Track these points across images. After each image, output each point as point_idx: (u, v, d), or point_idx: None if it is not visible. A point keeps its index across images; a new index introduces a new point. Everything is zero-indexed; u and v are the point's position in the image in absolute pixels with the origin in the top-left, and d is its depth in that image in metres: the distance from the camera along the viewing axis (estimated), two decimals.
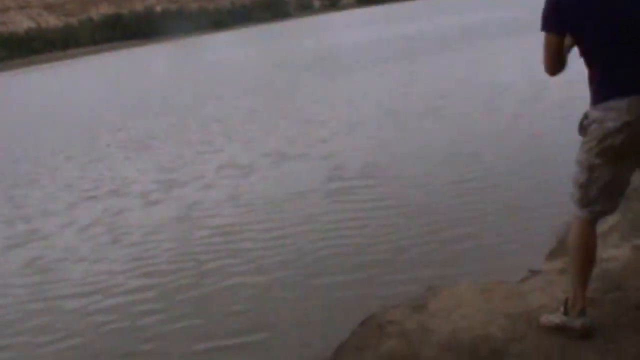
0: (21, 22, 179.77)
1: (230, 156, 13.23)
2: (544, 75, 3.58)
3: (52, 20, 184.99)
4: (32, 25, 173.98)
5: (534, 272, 4.88)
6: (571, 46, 3.41)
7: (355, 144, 12.63)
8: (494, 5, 60.80)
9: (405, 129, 13.28)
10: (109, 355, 5.57)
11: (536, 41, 3.51)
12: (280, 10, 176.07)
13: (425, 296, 4.73)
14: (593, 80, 3.32)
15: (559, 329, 3.70)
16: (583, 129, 3.39)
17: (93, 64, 79.68)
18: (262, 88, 24.91)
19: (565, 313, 3.66)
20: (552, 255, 5.53)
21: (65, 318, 6.56)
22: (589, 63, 3.32)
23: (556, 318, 3.74)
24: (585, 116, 3.37)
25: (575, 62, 3.46)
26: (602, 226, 4.84)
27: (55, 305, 6.96)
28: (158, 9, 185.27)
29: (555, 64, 3.39)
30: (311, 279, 6.44)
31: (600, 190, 3.36)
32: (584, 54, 3.32)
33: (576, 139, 3.50)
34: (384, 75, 22.94)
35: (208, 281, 6.85)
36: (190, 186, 11.24)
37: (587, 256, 3.53)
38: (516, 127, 11.75)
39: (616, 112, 3.18)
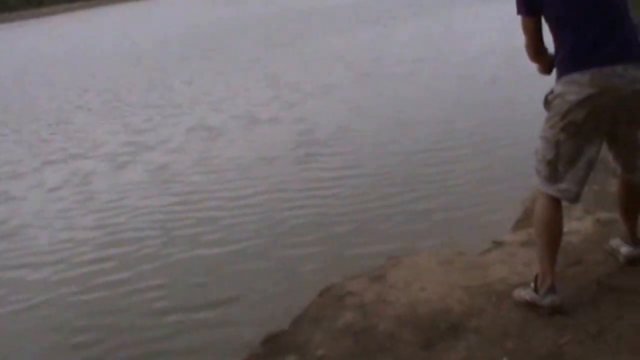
0: None
1: (200, 118, 13.09)
2: (519, 42, 3.55)
3: None
4: None
5: (497, 244, 4.85)
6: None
7: (327, 108, 12.54)
8: None
9: (378, 94, 13.15)
10: (70, 329, 5.47)
11: (512, 7, 3.44)
12: None
13: (385, 267, 4.70)
14: (557, 54, 3.30)
15: (529, 306, 3.69)
16: (548, 103, 3.36)
17: (68, 21, 77.99)
18: (234, 49, 24.58)
19: (536, 289, 3.63)
20: (517, 226, 5.52)
21: (25, 289, 6.44)
22: (555, 36, 3.30)
23: (526, 294, 3.72)
24: (551, 91, 3.34)
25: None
26: None
27: (16, 275, 6.84)
28: None
29: (537, 47, 3.41)
30: (278, 250, 6.37)
31: (568, 166, 3.32)
32: (550, 27, 3.30)
33: (544, 111, 3.44)
34: (358, 38, 22.76)
35: (173, 250, 6.76)
36: (159, 150, 11.09)
37: (553, 233, 3.51)
38: (490, 95, 11.69)
39: (578, 85, 3.15)
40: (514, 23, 3.59)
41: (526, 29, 3.37)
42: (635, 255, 3.87)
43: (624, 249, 3.91)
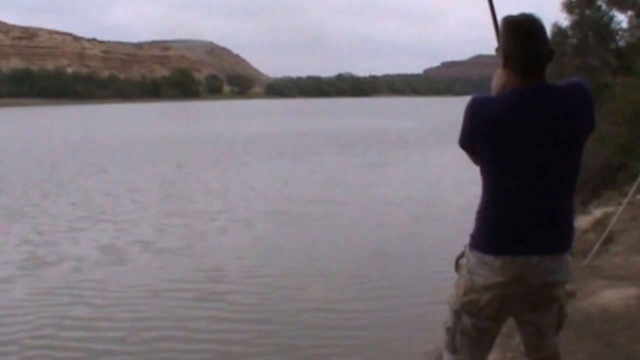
0: None
1: (106, 238, 12.37)
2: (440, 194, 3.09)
3: None
4: None
5: None
6: None
7: (234, 243, 12.01)
8: (408, 113, 62.71)
9: (293, 235, 12.71)
10: None
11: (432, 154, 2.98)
12: (190, 90, 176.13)
13: None
14: (479, 215, 2.85)
15: None
16: (458, 267, 2.95)
17: None
18: (153, 166, 24.03)
19: None
20: None
21: None
22: (482, 193, 2.83)
23: None
24: (462, 253, 2.93)
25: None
26: None
27: None
28: (69, 70, 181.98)
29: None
30: None
31: (465, 340, 2.93)
32: (485, 177, 2.81)
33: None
34: (278, 171, 22.65)
35: None
36: (56, 268, 10.25)
37: None
38: (405, 248, 11.42)
39: (488, 268, 2.76)
40: (441, 171, 3.12)
41: (471, 156, 2.87)
42: None
43: None
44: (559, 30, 16.61)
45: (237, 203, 16.12)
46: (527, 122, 2.64)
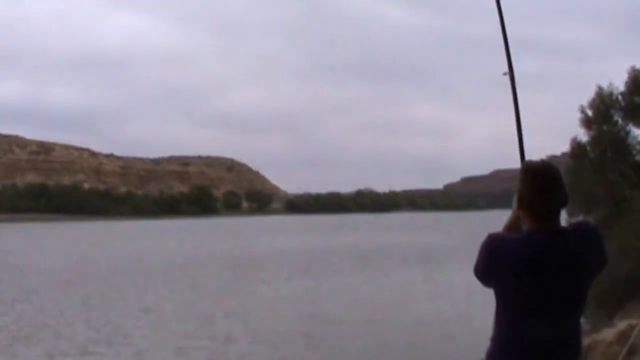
0: None
1: None
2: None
3: None
4: None
5: None
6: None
7: None
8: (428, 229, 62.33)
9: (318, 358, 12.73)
10: None
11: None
12: (208, 206, 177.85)
13: None
14: (494, 335, 3.08)
15: None
16: None
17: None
18: (169, 287, 24.23)
19: None
20: None
21: None
22: (497, 318, 3.08)
23: None
24: None
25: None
26: None
27: None
28: (86, 186, 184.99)
29: None
30: None
31: None
32: (498, 304, 3.08)
33: None
34: (299, 290, 22.73)
35: None
36: None
37: None
38: None
39: None
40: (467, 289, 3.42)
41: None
42: None
43: None
44: (578, 145, 17.06)
45: (258, 324, 16.13)
46: (540, 264, 2.92)
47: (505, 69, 4.01)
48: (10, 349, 13.66)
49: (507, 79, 4.01)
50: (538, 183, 2.98)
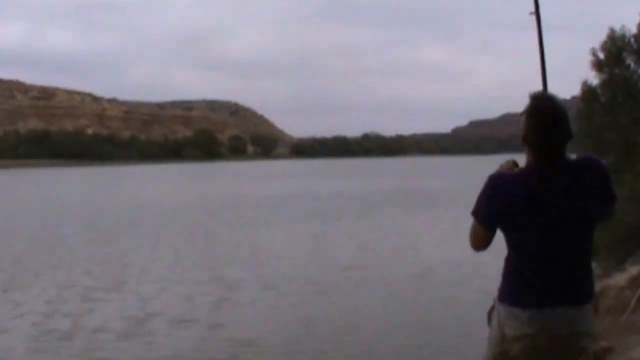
0: None
1: (115, 310, 12.28)
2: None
3: None
4: None
5: None
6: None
7: (267, 314, 11.94)
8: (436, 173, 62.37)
9: (327, 304, 12.67)
10: None
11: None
12: (212, 151, 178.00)
13: None
14: (505, 276, 3.16)
15: None
16: (490, 320, 3.23)
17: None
18: (176, 231, 24.36)
19: None
20: None
21: None
22: (508, 255, 3.16)
23: None
24: (492, 307, 3.22)
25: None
26: None
27: None
28: (89, 131, 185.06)
29: (481, 247, 3.25)
30: None
31: None
32: (507, 241, 3.14)
33: None
34: (306, 236, 22.77)
35: None
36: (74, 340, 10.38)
37: None
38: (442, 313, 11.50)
39: (516, 320, 3.07)
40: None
41: (475, 232, 3.22)
42: None
43: None
44: (588, 89, 16.91)
45: (265, 270, 16.06)
46: (543, 196, 2.99)
47: (531, 8, 3.98)
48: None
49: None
50: (542, 121, 3.02)
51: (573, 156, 3.14)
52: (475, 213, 3.18)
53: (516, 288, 3.11)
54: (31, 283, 14.97)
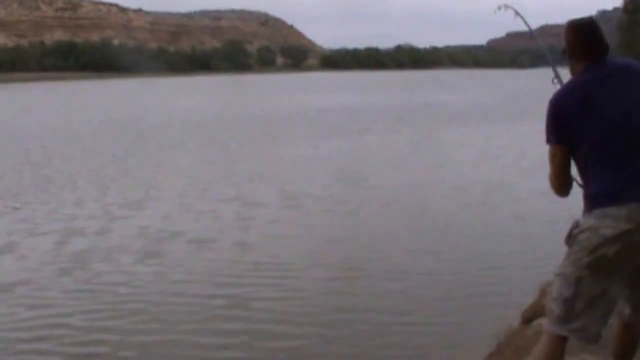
0: None
1: (139, 228, 12.05)
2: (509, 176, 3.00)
3: (1, 39, 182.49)
4: None
5: None
6: None
7: (289, 234, 11.60)
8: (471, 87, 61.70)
9: (353, 224, 12.27)
10: None
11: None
12: (241, 62, 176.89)
13: None
14: (588, 186, 3.28)
15: None
16: (572, 238, 3.26)
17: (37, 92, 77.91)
18: (197, 149, 23.98)
19: None
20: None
21: None
22: (584, 168, 3.30)
23: None
24: (576, 225, 3.26)
25: None
26: None
27: None
28: (115, 42, 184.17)
29: (564, 178, 3.38)
30: None
31: (586, 305, 3.20)
32: (578, 159, 3.31)
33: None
34: (334, 152, 22.31)
35: None
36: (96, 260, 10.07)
37: None
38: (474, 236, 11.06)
39: (614, 219, 3.12)
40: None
41: (554, 158, 3.36)
42: None
43: None
44: (631, 1, 16.03)
45: (289, 187, 15.63)
46: (603, 93, 3.22)
47: None
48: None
49: None
50: (582, 34, 3.33)
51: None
52: (549, 138, 3.34)
53: (607, 189, 3.17)
54: (52, 199, 14.83)
